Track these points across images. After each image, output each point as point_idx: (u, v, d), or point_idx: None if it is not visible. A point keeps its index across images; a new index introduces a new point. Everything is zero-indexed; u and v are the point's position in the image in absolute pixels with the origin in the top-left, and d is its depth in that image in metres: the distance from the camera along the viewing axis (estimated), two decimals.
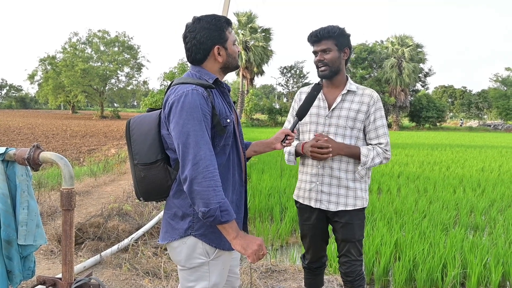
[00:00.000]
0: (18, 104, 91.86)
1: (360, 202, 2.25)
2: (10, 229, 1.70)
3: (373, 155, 2.18)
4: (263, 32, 37.18)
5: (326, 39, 2.17)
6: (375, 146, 2.22)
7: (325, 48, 2.17)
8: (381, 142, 2.22)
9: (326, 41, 2.17)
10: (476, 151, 15.37)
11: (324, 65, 2.19)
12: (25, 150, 1.67)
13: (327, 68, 2.19)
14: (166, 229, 1.65)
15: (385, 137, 2.23)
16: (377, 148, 2.21)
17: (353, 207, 2.23)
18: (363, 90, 2.26)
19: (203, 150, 1.48)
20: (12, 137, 17.07)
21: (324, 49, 2.18)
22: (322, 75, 2.23)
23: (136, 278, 3.21)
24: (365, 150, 2.19)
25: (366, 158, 2.17)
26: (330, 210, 2.25)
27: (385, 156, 2.22)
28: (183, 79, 1.63)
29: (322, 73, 2.22)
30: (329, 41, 2.17)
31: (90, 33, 49.63)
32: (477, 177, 8.70)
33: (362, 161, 2.18)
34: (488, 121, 58.74)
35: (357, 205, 2.24)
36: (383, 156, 2.21)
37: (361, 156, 2.18)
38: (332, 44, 2.17)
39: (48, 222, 4.41)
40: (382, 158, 2.21)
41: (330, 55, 2.17)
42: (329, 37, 2.16)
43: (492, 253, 3.74)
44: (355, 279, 2.27)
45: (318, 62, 2.21)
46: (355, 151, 2.19)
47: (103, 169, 8.57)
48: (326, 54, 2.18)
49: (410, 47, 41.33)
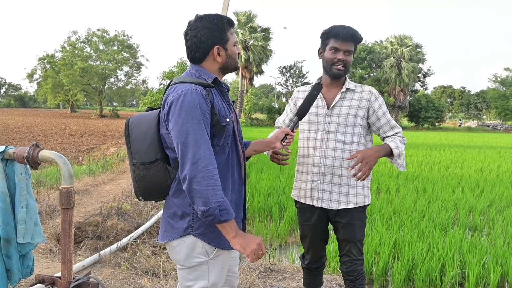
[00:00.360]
0: (17, 103, 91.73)
1: (361, 199, 2.26)
2: (9, 228, 1.70)
3: (400, 145, 2.23)
4: (263, 31, 37.21)
5: (352, 42, 2.20)
6: (394, 136, 2.26)
7: (350, 50, 2.20)
8: (397, 132, 2.28)
9: (352, 44, 2.20)
10: (475, 152, 15.38)
11: (344, 65, 2.21)
12: (24, 149, 1.66)
13: (344, 69, 2.21)
14: (166, 228, 1.65)
15: (398, 126, 2.30)
16: (396, 137, 2.26)
17: (355, 205, 2.24)
18: (361, 87, 2.29)
19: (202, 149, 1.47)
20: (11, 136, 17.05)
21: (349, 50, 2.20)
22: (338, 74, 2.22)
23: (135, 277, 3.21)
24: (392, 143, 2.21)
25: (398, 150, 2.20)
26: (332, 209, 2.26)
27: (404, 141, 2.28)
28: (182, 78, 1.63)
29: (338, 72, 2.21)
30: (353, 44, 2.21)
31: (89, 32, 49.64)
32: (476, 177, 8.71)
33: (396, 153, 2.19)
34: (487, 122, 58.82)
35: (358, 202, 2.25)
36: (403, 143, 2.27)
37: (394, 150, 2.19)
38: (354, 48, 2.22)
39: (47, 221, 4.41)
40: (404, 145, 2.27)
41: (350, 58, 2.23)
42: (354, 41, 2.20)
43: (490, 253, 3.74)
44: (356, 278, 2.29)
45: (337, 60, 2.19)
46: (388, 149, 2.20)
47: (102, 168, 8.56)
48: (349, 56, 2.21)
49: (409, 47, 41.40)
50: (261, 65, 37.60)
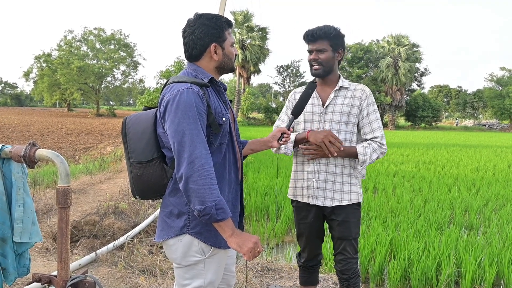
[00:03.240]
0: (13, 102, 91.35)
1: (355, 196, 2.28)
2: (5, 227, 1.69)
3: (370, 152, 2.20)
4: (260, 31, 37.21)
5: (322, 39, 2.20)
6: (370, 141, 2.23)
7: (321, 48, 2.21)
8: (376, 136, 2.23)
9: (322, 41, 2.21)
10: (471, 151, 15.45)
11: (318, 64, 2.23)
12: (21, 148, 1.66)
13: (320, 67, 2.23)
14: (162, 227, 1.65)
15: (380, 130, 2.25)
16: (372, 144, 2.22)
17: (349, 202, 2.26)
18: (355, 85, 2.31)
19: (198, 149, 1.48)
20: (7, 135, 16.98)
21: (319, 49, 2.21)
22: (315, 74, 2.27)
23: (131, 276, 3.21)
24: (361, 149, 2.20)
25: (364, 157, 2.18)
26: (326, 206, 2.27)
27: (382, 150, 2.24)
28: (178, 77, 1.63)
29: (316, 72, 2.26)
30: (325, 42, 2.21)
31: (86, 31, 49.43)
32: (472, 176, 8.75)
33: (361, 160, 2.19)
34: (483, 121, 59.07)
35: (352, 199, 2.27)
36: (380, 151, 2.23)
37: (359, 155, 2.19)
38: (327, 45, 2.21)
39: (44, 220, 4.40)
40: (379, 153, 2.23)
41: (325, 55, 2.22)
42: (325, 38, 2.20)
43: (486, 252, 3.77)
44: (351, 276, 2.29)
45: (312, 61, 2.25)
46: (352, 151, 2.20)
47: (99, 167, 8.54)
48: (321, 53, 2.22)
49: (406, 47, 41.50)
50: (258, 64, 37.61)
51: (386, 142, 2.30)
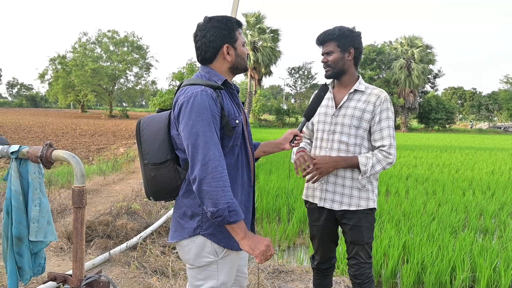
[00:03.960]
0: (28, 103, 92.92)
1: (364, 202, 2.22)
2: (21, 226, 1.72)
3: (372, 163, 2.14)
4: (272, 32, 37.23)
5: (328, 42, 2.23)
6: (377, 151, 2.18)
7: (328, 51, 2.23)
8: (384, 144, 2.17)
9: (328, 43, 2.23)
10: (486, 154, 15.19)
11: (328, 66, 2.25)
12: (38, 148, 1.69)
13: (330, 69, 2.26)
14: (176, 228, 1.66)
15: (389, 138, 2.16)
16: (377, 155, 2.16)
17: (357, 207, 2.21)
18: (371, 90, 2.25)
19: (212, 151, 1.49)
20: (22, 135, 17.27)
21: (327, 51, 2.24)
22: (326, 76, 2.31)
23: (144, 276, 3.24)
24: (363, 159, 2.15)
25: (365, 167, 2.14)
26: (334, 209, 2.26)
27: (387, 161, 2.16)
28: (192, 80, 1.64)
29: (326, 74, 2.30)
30: (331, 43, 2.22)
31: (100, 33, 50.03)
32: (487, 179, 8.61)
33: (362, 170, 2.16)
34: (499, 123, 58.06)
35: (361, 205, 2.21)
36: (386, 162, 2.16)
37: (360, 165, 2.15)
38: (334, 46, 2.21)
39: (58, 220, 4.46)
40: (384, 165, 2.16)
41: (332, 57, 2.22)
42: (330, 40, 2.22)
43: (502, 257, 3.70)
44: (364, 281, 2.25)
45: (323, 64, 2.29)
46: (353, 161, 2.16)
47: (112, 168, 8.63)
48: (329, 56, 2.24)
49: (419, 48, 41.02)
50: (269, 66, 37.62)
51: (398, 145, 2.29)
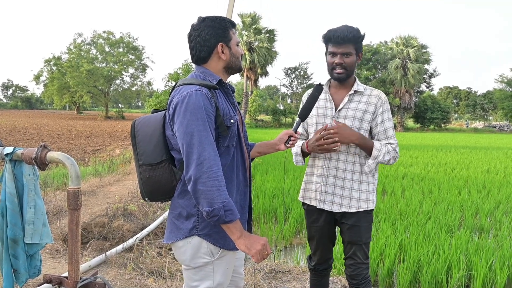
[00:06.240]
0: (23, 105, 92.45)
1: (364, 204, 2.22)
2: (16, 228, 1.72)
3: (384, 151, 2.15)
4: (267, 33, 37.27)
5: (349, 43, 2.12)
6: (387, 144, 2.20)
7: (347, 52, 2.13)
8: (391, 143, 2.19)
9: (349, 45, 2.12)
10: (481, 153, 15.28)
11: (343, 68, 2.15)
12: (32, 150, 1.68)
13: (344, 72, 2.16)
14: (171, 229, 1.66)
15: (394, 138, 2.22)
16: (388, 146, 2.18)
17: (356, 209, 2.21)
18: (371, 91, 2.24)
19: (207, 151, 1.48)
20: (18, 137, 17.18)
21: (345, 52, 2.13)
22: (338, 78, 2.19)
23: (140, 277, 3.23)
24: (378, 144, 2.16)
25: (378, 152, 2.14)
26: (333, 211, 2.25)
27: (395, 155, 2.19)
28: (187, 80, 1.64)
29: (339, 76, 2.18)
30: (351, 45, 2.13)
31: (95, 34, 49.86)
32: (482, 178, 8.66)
33: (374, 154, 2.14)
34: (494, 123, 58.38)
35: (360, 207, 2.21)
36: (393, 155, 2.19)
37: (374, 150, 2.14)
38: (353, 48, 2.14)
39: (54, 222, 4.44)
40: (391, 157, 2.18)
41: (350, 59, 2.14)
42: (353, 41, 2.12)
43: (497, 255, 3.72)
44: (361, 282, 2.24)
45: (336, 65, 2.16)
46: (369, 144, 2.15)
47: (108, 169, 8.61)
48: (347, 57, 2.14)
49: (415, 48, 41.20)
50: (265, 66, 37.68)
51: None
